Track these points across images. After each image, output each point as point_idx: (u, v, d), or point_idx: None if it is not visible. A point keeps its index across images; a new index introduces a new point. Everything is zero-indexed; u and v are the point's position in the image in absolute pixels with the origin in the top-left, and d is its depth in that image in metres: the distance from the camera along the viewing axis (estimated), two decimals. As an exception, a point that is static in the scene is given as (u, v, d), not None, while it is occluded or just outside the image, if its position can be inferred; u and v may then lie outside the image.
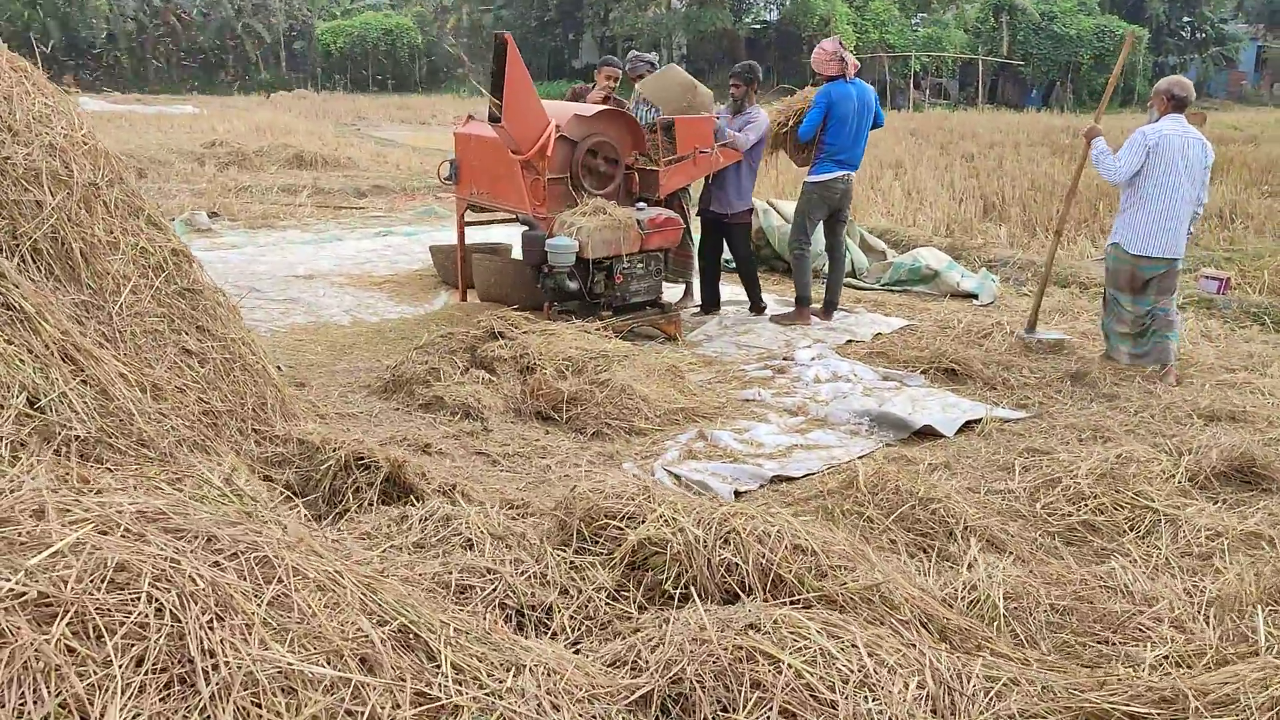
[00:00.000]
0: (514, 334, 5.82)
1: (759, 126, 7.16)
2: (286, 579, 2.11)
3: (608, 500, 3.05)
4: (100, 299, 3.98)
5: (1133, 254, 6.03)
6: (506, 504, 3.95)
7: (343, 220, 11.46)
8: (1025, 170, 14.78)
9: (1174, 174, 5.87)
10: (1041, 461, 4.53)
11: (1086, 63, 40.80)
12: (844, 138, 7.11)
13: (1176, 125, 5.96)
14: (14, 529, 1.94)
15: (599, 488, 3.11)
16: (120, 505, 2.15)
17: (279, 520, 2.59)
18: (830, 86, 7.09)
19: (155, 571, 1.93)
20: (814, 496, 4.19)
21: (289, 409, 4.51)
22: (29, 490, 2.12)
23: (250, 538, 2.20)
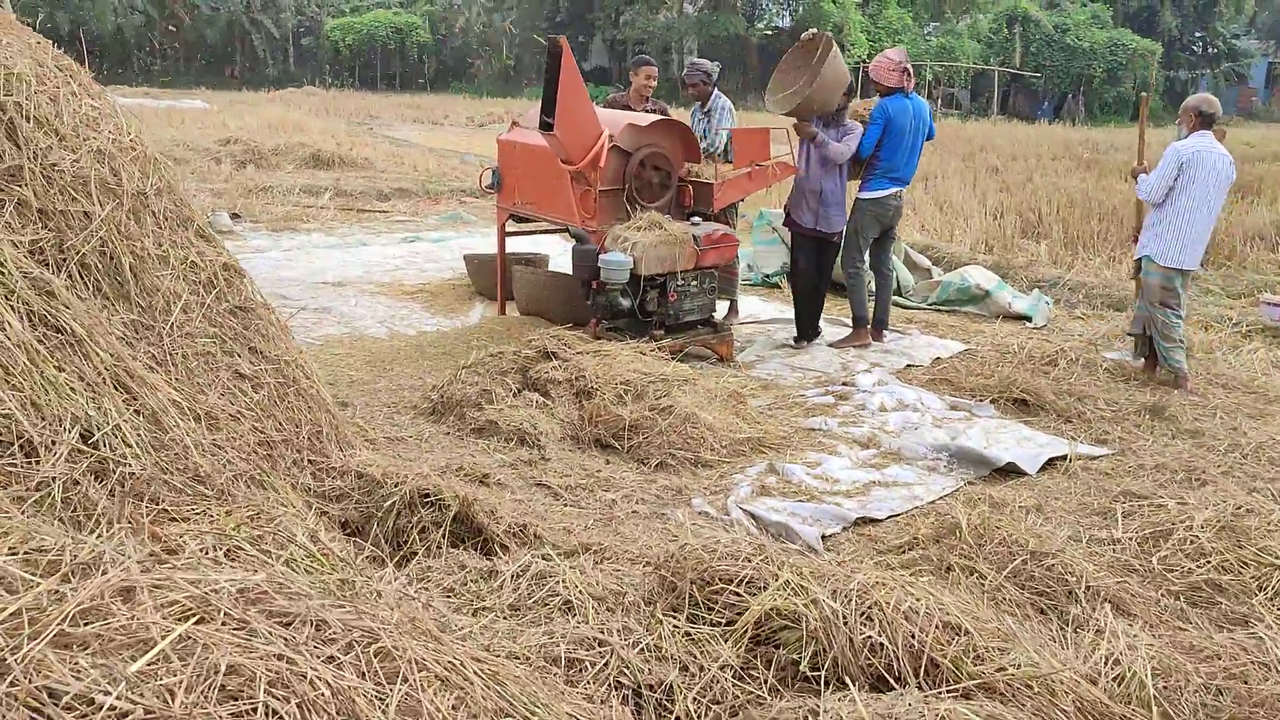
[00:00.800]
0: (568, 355, 5.53)
1: (856, 137, 6.83)
2: (410, 675, 1.82)
3: (721, 561, 2.76)
4: (150, 318, 3.69)
5: (1165, 266, 6.13)
6: (586, 549, 3.67)
7: (367, 224, 11.17)
8: (1057, 185, 14.51)
9: (1205, 189, 6.00)
10: (1144, 508, 4.25)
11: (1099, 76, 40.63)
12: (900, 154, 6.85)
13: (1206, 141, 6.06)
14: (105, 623, 1.65)
15: (709, 545, 2.82)
16: (217, 584, 1.86)
17: (377, 589, 2.30)
18: (888, 101, 6.83)
19: (270, 675, 1.64)
20: (911, 544, 3.91)
21: (344, 436, 4.23)
22: (114, 568, 1.83)
23: (362, 622, 1.91)
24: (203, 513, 3.16)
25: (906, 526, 4.26)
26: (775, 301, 8.49)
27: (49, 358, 3.07)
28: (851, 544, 4.12)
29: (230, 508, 3.20)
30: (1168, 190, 6.02)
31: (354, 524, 3.76)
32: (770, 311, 8.08)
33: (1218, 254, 10.55)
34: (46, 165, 3.60)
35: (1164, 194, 6.03)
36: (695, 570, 2.75)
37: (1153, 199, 6.11)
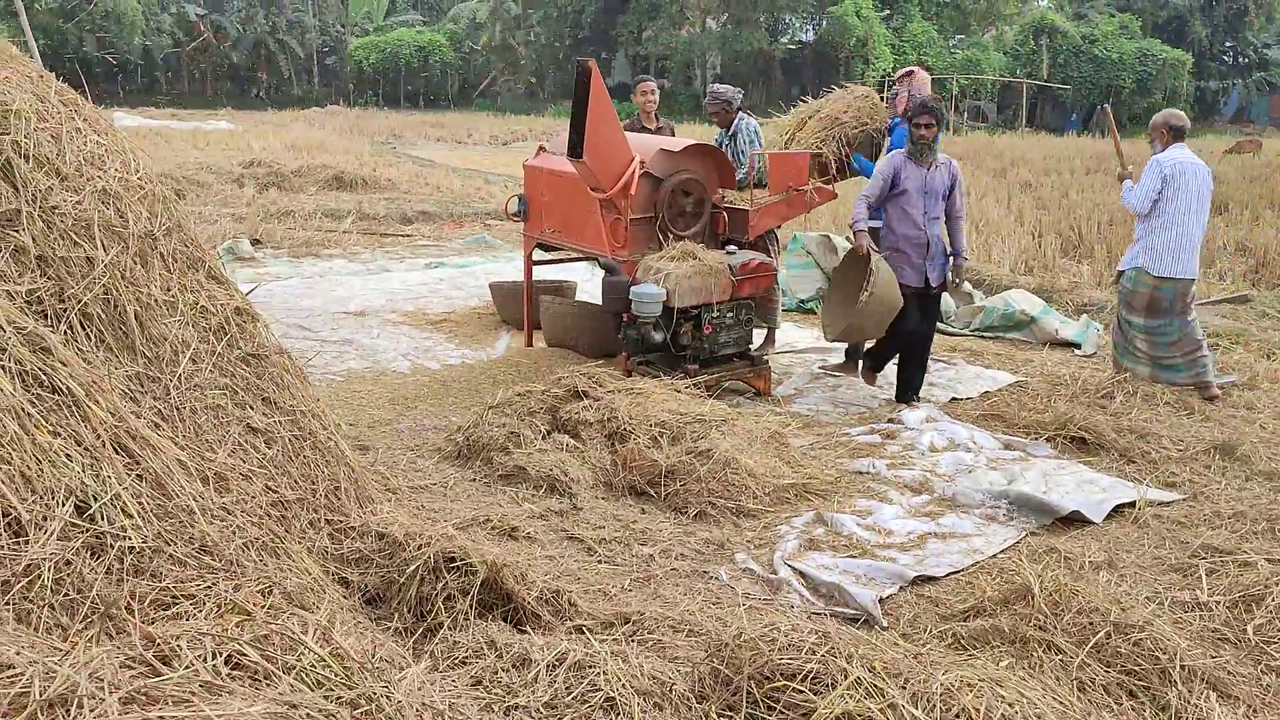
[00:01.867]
0: (599, 394, 5.25)
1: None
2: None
3: (782, 653, 2.46)
4: (157, 370, 3.44)
5: (1156, 276, 6.21)
6: (625, 620, 3.38)
7: (390, 249, 10.96)
8: (1094, 201, 14.14)
9: (1190, 198, 6.13)
10: (1229, 566, 3.91)
11: (1128, 86, 40.13)
12: None
13: (1184, 154, 6.23)
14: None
15: (767, 635, 2.52)
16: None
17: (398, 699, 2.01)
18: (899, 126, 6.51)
19: None
20: (977, 609, 3.58)
21: (363, 490, 3.96)
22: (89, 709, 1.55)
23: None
24: (210, 588, 2.90)
25: (969, 586, 3.94)
26: (811, 328, 8.18)
27: (42, 422, 2.82)
28: (910, 606, 3.80)
29: (239, 582, 2.94)
30: (1152, 202, 6.14)
31: (375, 590, 3.49)
32: (807, 339, 7.78)
33: (1271, 275, 10.17)
34: (46, 208, 3.36)
35: (1149, 206, 6.16)
36: (753, 664, 2.46)
37: (1140, 211, 6.24)
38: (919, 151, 5.81)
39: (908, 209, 5.88)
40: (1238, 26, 44.90)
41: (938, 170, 5.90)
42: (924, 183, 5.88)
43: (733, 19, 38.26)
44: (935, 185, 5.90)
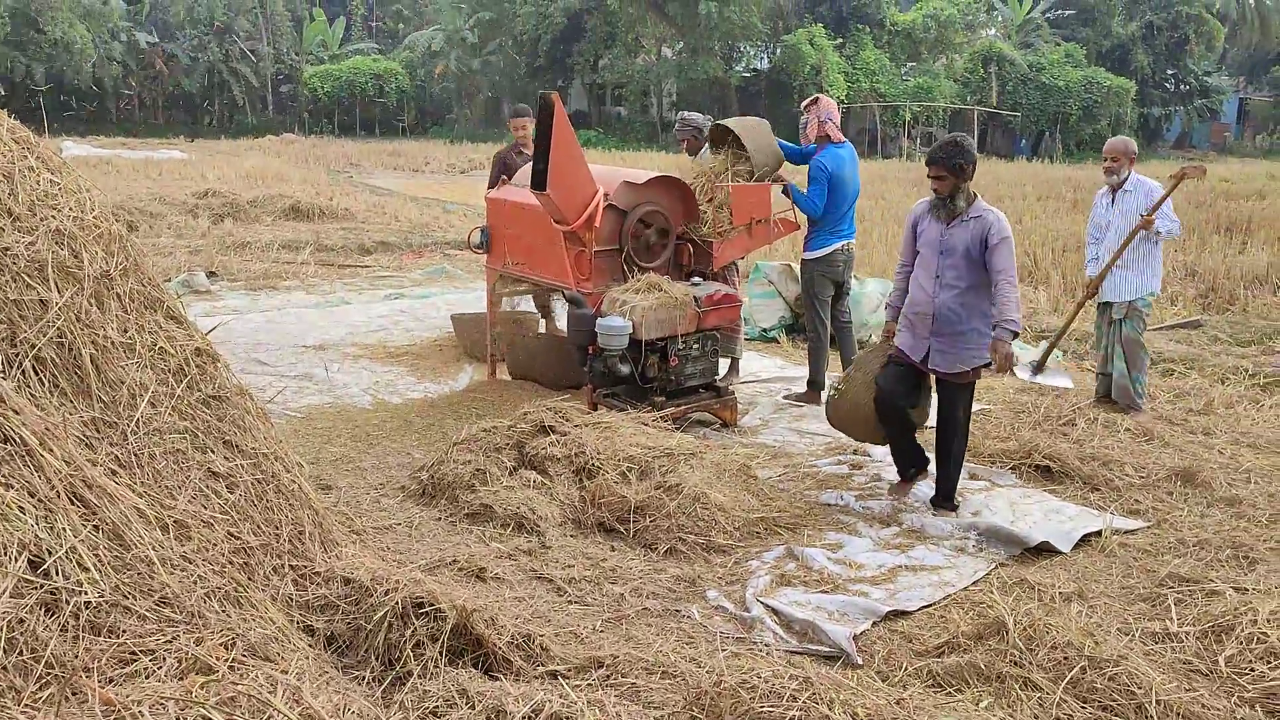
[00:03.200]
0: (566, 428, 5.19)
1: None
2: None
3: (762, 701, 2.43)
4: (114, 414, 3.34)
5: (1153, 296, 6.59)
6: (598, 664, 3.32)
7: (349, 281, 10.84)
8: (1047, 227, 14.37)
9: None
10: (1197, 595, 3.94)
11: (1075, 113, 40.93)
12: (843, 206, 6.56)
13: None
14: None
15: (747, 681, 2.48)
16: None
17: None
18: (824, 155, 6.51)
19: None
20: (951, 645, 3.57)
21: (328, 533, 3.87)
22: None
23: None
24: (170, 642, 2.81)
25: (942, 620, 3.93)
26: (774, 357, 8.20)
27: (-6, 474, 2.72)
28: (885, 642, 3.78)
29: (201, 635, 2.85)
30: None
31: (341, 638, 3.40)
32: (771, 369, 7.79)
33: (1219, 300, 10.37)
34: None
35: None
36: (734, 713, 2.41)
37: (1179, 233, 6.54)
38: (936, 206, 4.90)
39: (920, 270, 4.98)
40: (1178, 55, 46.02)
41: (962, 226, 4.78)
42: (939, 240, 4.85)
43: (688, 47, 38.56)
44: (953, 244, 4.78)
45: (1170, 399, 6.88)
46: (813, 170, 6.54)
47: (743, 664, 2.73)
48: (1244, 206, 17.39)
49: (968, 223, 4.79)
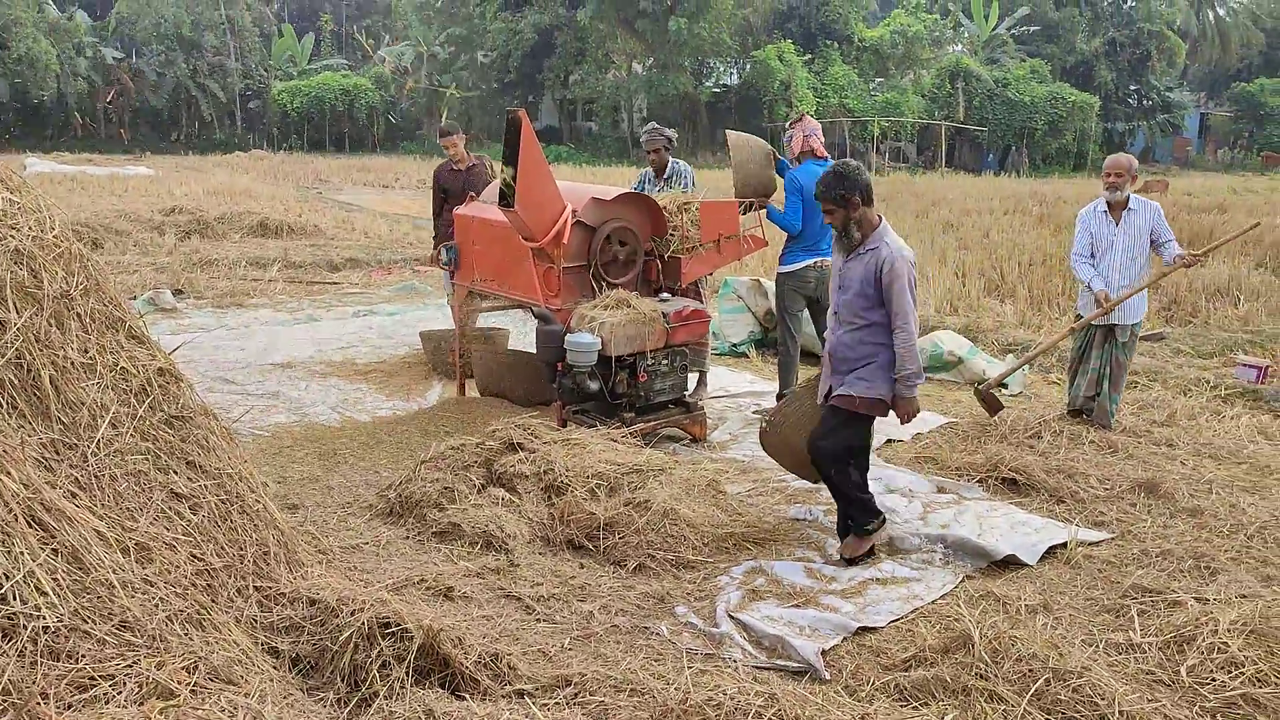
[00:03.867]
0: (535, 445, 5.18)
1: None
2: None
3: (728, 718, 2.42)
4: (74, 436, 3.31)
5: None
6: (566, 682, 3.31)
7: (317, 298, 10.77)
8: (1014, 241, 14.50)
9: None
10: (1159, 606, 3.98)
11: (1040, 128, 41.44)
12: (815, 222, 6.60)
13: None
14: None
15: (712, 699, 2.48)
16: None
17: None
18: (798, 171, 6.60)
19: None
20: (919, 658, 3.59)
21: (293, 554, 3.84)
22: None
23: None
24: (130, 666, 2.77)
25: (909, 634, 3.95)
26: (743, 372, 8.23)
27: (-51, 498, 2.69)
28: (852, 657, 3.79)
29: (162, 659, 2.81)
30: None
31: (307, 659, 3.37)
32: (741, 384, 7.81)
33: (1181, 312, 10.51)
34: (-45, 270, 3.23)
35: None
36: (700, 730, 2.41)
37: None
38: (834, 240, 4.62)
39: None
40: (1141, 71, 46.78)
41: (858, 259, 4.46)
42: (838, 275, 4.62)
43: (658, 63, 38.73)
44: (850, 279, 4.49)
45: (1134, 411, 6.96)
46: (787, 185, 6.62)
47: (709, 681, 2.74)
48: (1205, 220, 17.63)
49: (863, 256, 4.44)
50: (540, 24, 38.40)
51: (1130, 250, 6.35)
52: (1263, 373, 7.60)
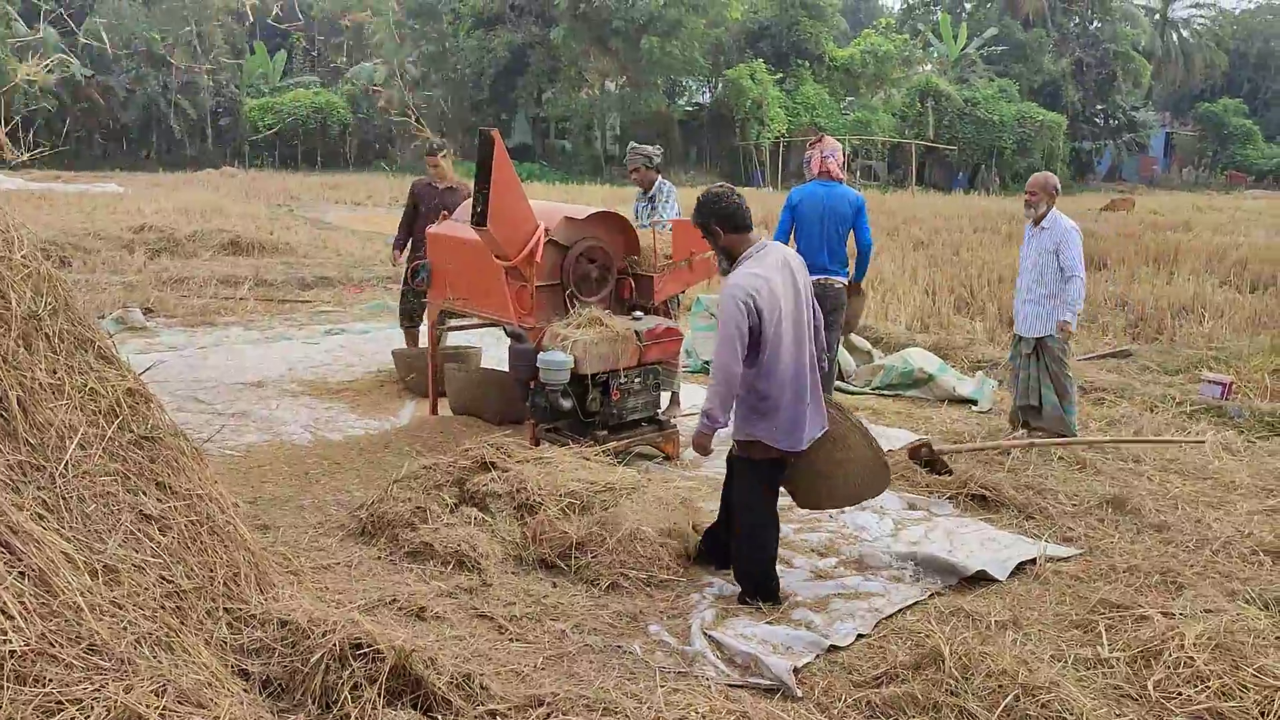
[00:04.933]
0: (508, 464, 5.18)
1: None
2: None
3: (703, 736, 2.43)
4: (42, 457, 3.28)
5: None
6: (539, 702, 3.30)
7: (289, 316, 10.71)
8: (984, 259, 14.67)
9: None
10: (1127, 621, 4.03)
11: (1009, 147, 41.91)
12: (803, 240, 6.75)
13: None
14: None
15: (685, 717, 2.50)
16: None
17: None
18: (797, 189, 6.80)
19: None
20: (890, 675, 3.61)
21: (264, 575, 3.82)
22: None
23: None
24: (98, 690, 2.75)
25: (880, 650, 3.97)
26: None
27: (-86, 521, 2.66)
28: (824, 673, 3.80)
29: (130, 683, 2.79)
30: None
31: (277, 681, 3.35)
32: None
33: (1147, 329, 10.66)
34: (-79, 290, 3.21)
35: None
36: (672, 749, 2.42)
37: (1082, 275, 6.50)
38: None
39: None
40: (1107, 91, 47.46)
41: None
42: None
43: (631, 82, 38.90)
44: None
45: (1102, 427, 7.05)
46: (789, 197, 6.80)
47: (682, 699, 2.75)
48: (1171, 238, 17.93)
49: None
50: (513, 42, 38.48)
51: (1037, 269, 6.58)
52: (1227, 389, 7.72)
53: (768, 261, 4.19)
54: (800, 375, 4.22)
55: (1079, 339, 10.04)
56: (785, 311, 4.15)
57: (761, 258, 4.20)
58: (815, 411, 4.33)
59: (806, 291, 4.33)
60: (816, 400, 4.35)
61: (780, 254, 4.29)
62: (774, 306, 4.10)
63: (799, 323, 4.24)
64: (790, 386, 4.20)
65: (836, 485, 4.68)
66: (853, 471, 4.61)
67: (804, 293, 4.31)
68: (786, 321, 4.16)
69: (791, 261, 4.32)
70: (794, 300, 4.22)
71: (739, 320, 4.05)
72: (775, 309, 4.10)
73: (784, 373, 4.17)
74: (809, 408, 4.27)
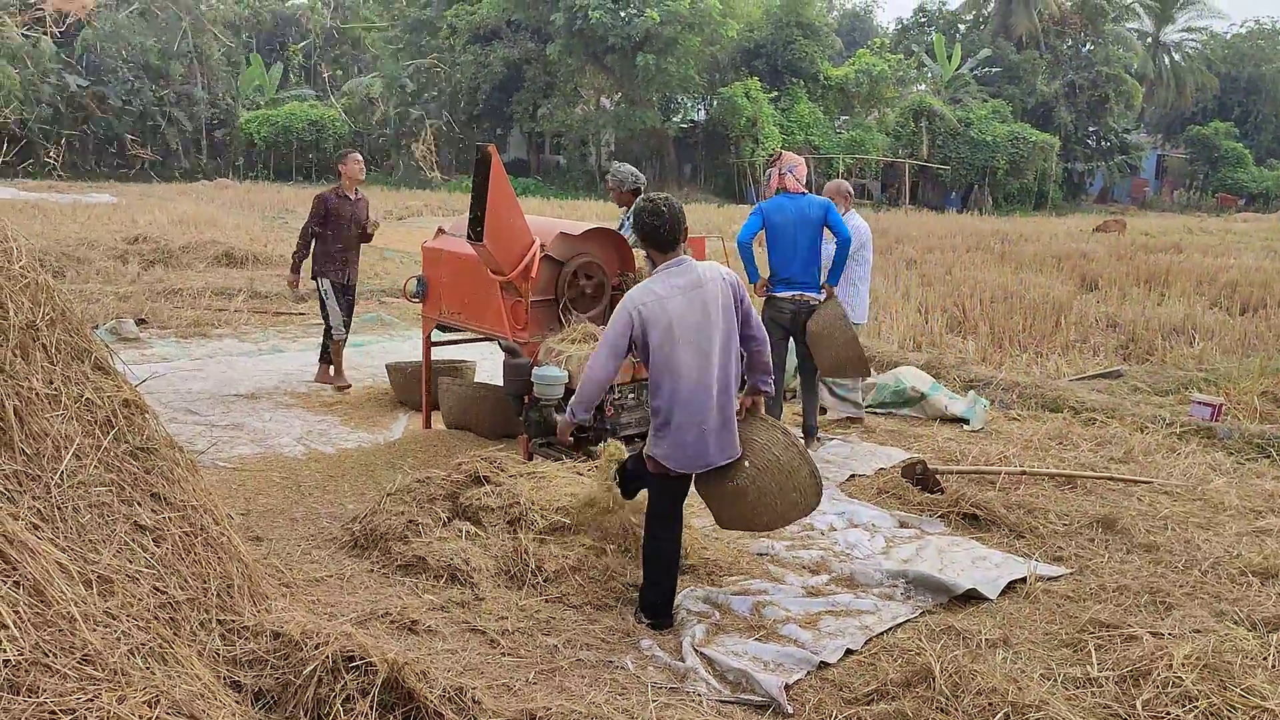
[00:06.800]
0: (501, 479, 5.19)
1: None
2: None
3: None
4: (37, 467, 3.29)
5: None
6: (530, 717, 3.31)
7: (282, 328, 10.73)
8: (975, 278, 14.74)
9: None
10: (1116, 640, 4.05)
11: (1002, 167, 42.16)
12: (777, 254, 6.77)
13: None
14: None
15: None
16: None
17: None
18: (765, 202, 6.86)
19: None
20: (880, 692, 3.63)
21: (257, 586, 3.82)
22: None
23: None
24: (91, 701, 2.75)
25: (871, 667, 3.99)
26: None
27: (-90, 530, 2.67)
28: (815, 690, 3.82)
29: (124, 693, 2.80)
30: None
31: (270, 694, 3.36)
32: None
33: (1138, 350, 10.71)
34: (-81, 300, 3.22)
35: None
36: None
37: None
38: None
39: None
40: (1099, 113, 47.78)
41: None
42: None
43: (626, 99, 39.05)
44: None
45: (1092, 447, 7.08)
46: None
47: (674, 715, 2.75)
48: (1162, 259, 18.05)
49: None
50: (509, 57, 38.63)
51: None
52: (1216, 411, 7.76)
53: (674, 279, 4.13)
54: (699, 396, 4.11)
55: (1071, 360, 10.11)
56: (682, 330, 4.07)
57: (669, 275, 4.15)
58: (722, 435, 4.21)
59: (727, 308, 4.19)
60: (725, 424, 4.22)
61: (695, 273, 4.16)
62: (661, 323, 4.05)
63: (703, 343, 4.11)
64: (686, 407, 4.11)
65: (759, 508, 4.40)
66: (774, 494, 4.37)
67: (721, 312, 4.16)
68: (684, 341, 4.07)
69: (709, 280, 4.16)
70: (700, 318, 4.10)
71: (620, 330, 4.10)
72: (663, 325, 4.05)
73: (679, 392, 4.09)
74: (712, 431, 4.16)
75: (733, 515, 4.49)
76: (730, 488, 4.37)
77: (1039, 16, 46.70)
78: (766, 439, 4.38)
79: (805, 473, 4.36)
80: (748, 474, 4.33)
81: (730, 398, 4.26)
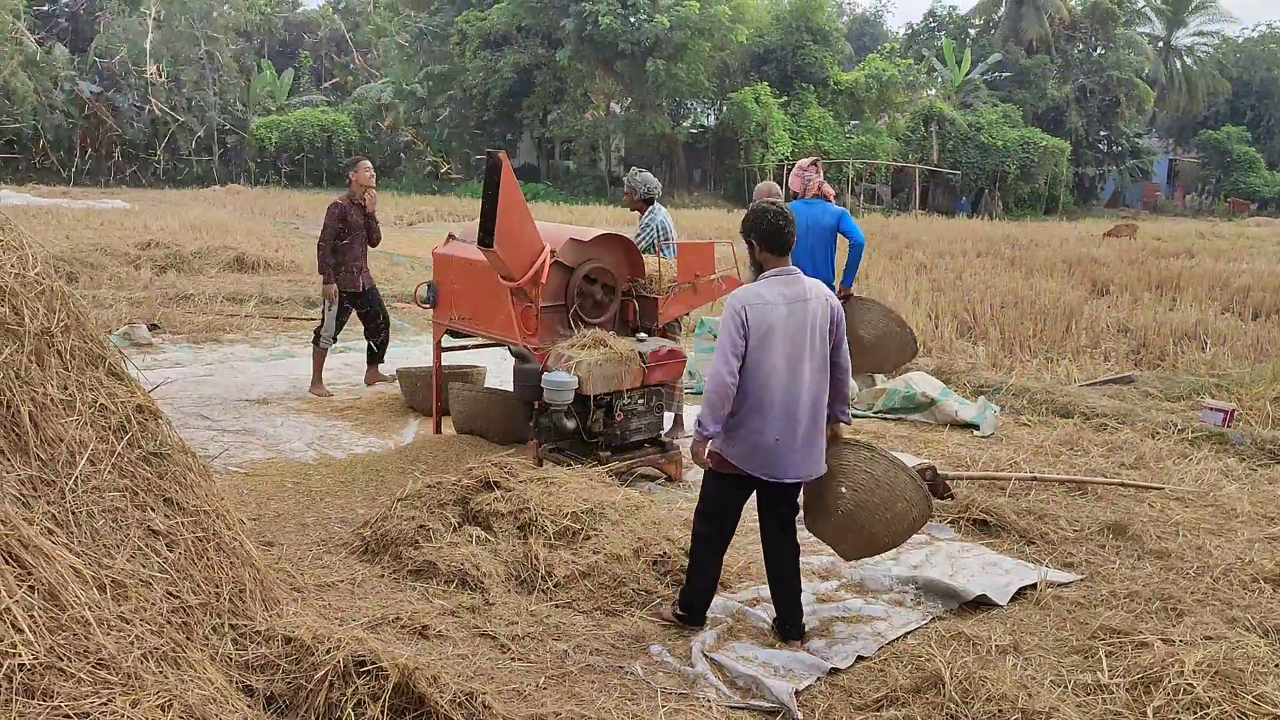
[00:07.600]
0: (511, 484, 5.21)
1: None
2: None
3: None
4: (52, 472, 3.32)
5: None
6: (541, 721, 3.32)
7: (293, 333, 10.77)
8: (986, 283, 14.71)
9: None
10: (1127, 647, 4.04)
11: (1012, 172, 42.08)
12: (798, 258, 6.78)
13: None
14: None
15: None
16: None
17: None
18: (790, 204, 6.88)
19: None
20: (890, 698, 3.63)
21: (269, 591, 3.84)
22: None
23: None
24: (105, 704, 2.77)
25: (881, 673, 3.99)
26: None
27: (-73, 534, 2.70)
28: (825, 696, 3.82)
29: (137, 697, 2.82)
30: None
31: (282, 698, 3.37)
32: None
33: (1150, 356, 10.68)
34: (-64, 306, 3.25)
35: None
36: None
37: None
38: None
39: None
40: (1110, 117, 47.67)
41: None
42: None
43: (636, 104, 39.10)
44: None
45: (1103, 453, 7.06)
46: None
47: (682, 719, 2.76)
48: (1174, 264, 17.99)
49: None
50: (519, 63, 38.72)
51: None
52: (1228, 417, 7.74)
53: (782, 287, 4.09)
54: (787, 406, 4.05)
55: (1082, 365, 10.09)
56: (780, 338, 4.03)
57: (778, 282, 4.10)
58: (804, 450, 4.13)
59: (823, 329, 4.14)
60: (810, 440, 4.14)
61: (802, 286, 4.11)
62: (763, 326, 4.01)
63: (798, 355, 4.06)
64: (770, 414, 4.04)
65: (873, 527, 4.34)
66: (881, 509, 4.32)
67: (819, 329, 4.12)
68: (779, 349, 4.03)
69: (814, 297, 4.12)
70: (798, 330, 4.06)
71: (733, 327, 4.02)
72: (764, 329, 4.01)
73: (766, 398, 4.04)
74: (794, 445, 4.09)
75: (852, 544, 4.45)
76: (837, 519, 4.36)
77: (1049, 21, 46.62)
78: (855, 459, 4.36)
79: (904, 480, 4.31)
80: (848, 499, 4.31)
81: (820, 414, 4.17)
